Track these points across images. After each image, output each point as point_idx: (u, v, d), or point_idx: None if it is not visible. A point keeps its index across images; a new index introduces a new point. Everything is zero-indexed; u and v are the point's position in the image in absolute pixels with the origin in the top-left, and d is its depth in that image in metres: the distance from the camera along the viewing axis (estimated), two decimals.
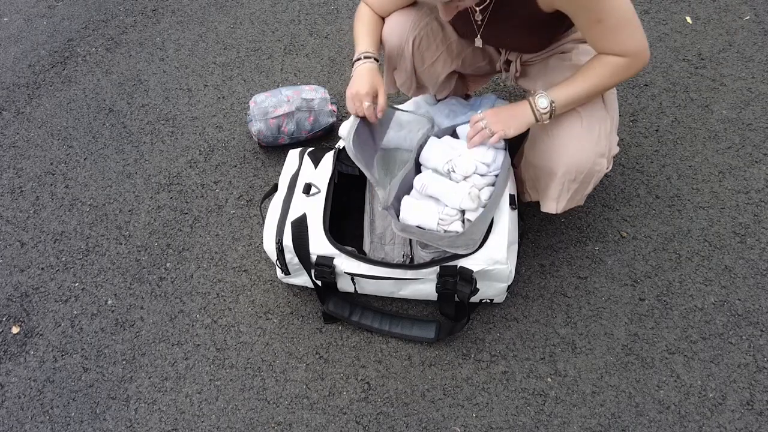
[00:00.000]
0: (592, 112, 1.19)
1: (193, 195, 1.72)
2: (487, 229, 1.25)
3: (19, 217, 1.73)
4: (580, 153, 1.18)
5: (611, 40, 1.09)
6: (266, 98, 1.70)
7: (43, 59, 2.13)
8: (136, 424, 1.35)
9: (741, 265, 1.45)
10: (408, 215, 1.20)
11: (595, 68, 1.12)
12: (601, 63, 1.11)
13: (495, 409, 1.30)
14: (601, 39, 1.09)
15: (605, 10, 1.05)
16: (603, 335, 1.38)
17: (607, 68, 1.11)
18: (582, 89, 1.13)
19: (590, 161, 1.19)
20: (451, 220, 1.19)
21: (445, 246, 1.21)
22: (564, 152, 1.18)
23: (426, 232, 1.18)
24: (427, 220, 1.19)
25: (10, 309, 1.55)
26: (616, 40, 1.08)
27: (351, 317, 1.41)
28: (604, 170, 1.23)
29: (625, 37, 1.08)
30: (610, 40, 1.09)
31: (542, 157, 1.23)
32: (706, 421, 1.25)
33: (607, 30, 1.07)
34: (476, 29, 1.22)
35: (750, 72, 1.80)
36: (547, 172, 1.23)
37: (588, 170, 1.20)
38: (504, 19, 1.16)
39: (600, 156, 1.19)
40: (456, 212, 1.20)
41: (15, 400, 1.40)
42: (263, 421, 1.33)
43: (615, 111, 1.24)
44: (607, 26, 1.06)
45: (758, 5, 1.96)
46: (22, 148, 1.89)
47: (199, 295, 1.53)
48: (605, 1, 1.04)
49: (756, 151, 1.64)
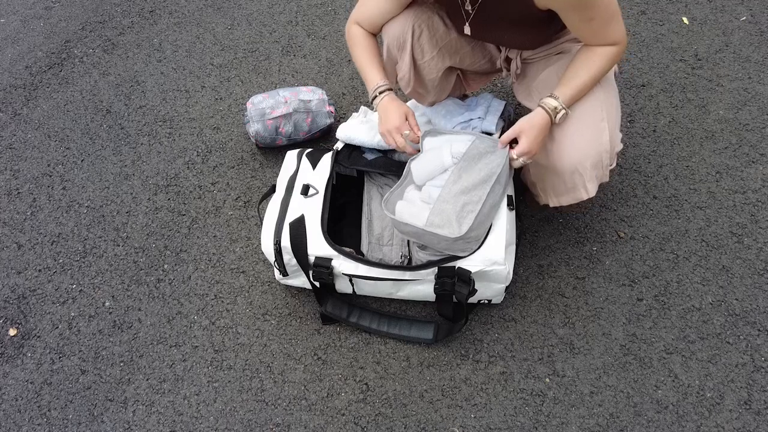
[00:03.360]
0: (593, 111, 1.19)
1: (191, 196, 1.72)
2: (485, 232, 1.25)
3: (16, 219, 1.72)
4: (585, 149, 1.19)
5: (602, 35, 1.14)
6: (264, 99, 1.70)
7: (40, 61, 2.12)
8: (134, 426, 1.34)
9: (738, 265, 1.46)
10: (402, 215, 1.21)
11: (592, 60, 1.17)
12: (597, 54, 1.16)
13: (493, 410, 1.30)
14: (594, 35, 1.14)
15: (596, 9, 1.08)
16: (601, 335, 1.38)
17: (602, 59, 1.16)
18: (582, 82, 1.17)
19: (596, 155, 1.21)
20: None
21: (442, 248, 1.21)
22: (569, 150, 1.19)
23: (424, 234, 1.18)
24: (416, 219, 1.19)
25: (7, 311, 1.54)
26: (605, 34, 1.13)
27: (349, 318, 1.41)
28: (616, 150, 1.25)
29: (613, 30, 1.13)
30: (601, 35, 1.14)
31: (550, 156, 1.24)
32: (704, 420, 1.26)
33: (598, 27, 1.12)
34: (465, 18, 1.22)
35: (747, 72, 1.81)
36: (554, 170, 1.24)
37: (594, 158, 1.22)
38: (496, 12, 1.17)
39: (605, 151, 1.21)
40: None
41: (12, 402, 1.40)
42: (261, 422, 1.32)
43: (617, 107, 1.26)
44: (599, 23, 1.11)
45: (754, 6, 1.96)
46: (19, 150, 1.88)
47: (196, 296, 1.52)
48: (595, 0, 1.07)
49: (753, 151, 1.64)
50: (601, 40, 1.14)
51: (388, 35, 1.29)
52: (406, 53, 1.28)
